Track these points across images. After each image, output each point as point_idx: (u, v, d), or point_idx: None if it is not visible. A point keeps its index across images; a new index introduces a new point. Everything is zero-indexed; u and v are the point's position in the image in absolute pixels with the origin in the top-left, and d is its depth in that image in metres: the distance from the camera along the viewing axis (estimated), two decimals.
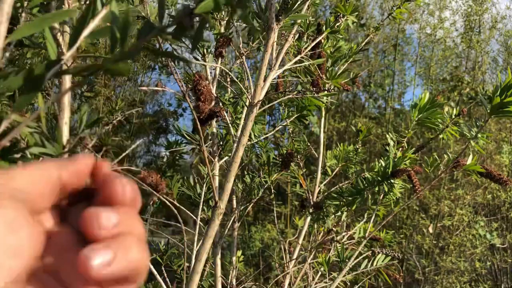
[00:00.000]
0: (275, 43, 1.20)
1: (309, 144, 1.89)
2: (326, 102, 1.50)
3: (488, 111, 1.28)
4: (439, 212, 4.52)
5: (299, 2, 1.08)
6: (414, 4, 2.15)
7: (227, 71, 1.28)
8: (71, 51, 0.38)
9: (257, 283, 1.92)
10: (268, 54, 1.06)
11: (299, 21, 1.18)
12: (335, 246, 1.75)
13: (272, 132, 1.73)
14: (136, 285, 0.27)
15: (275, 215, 1.98)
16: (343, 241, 1.74)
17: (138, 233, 0.26)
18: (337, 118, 5.80)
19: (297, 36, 1.42)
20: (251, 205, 1.75)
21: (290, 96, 1.30)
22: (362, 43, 1.77)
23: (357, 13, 1.44)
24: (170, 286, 1.35)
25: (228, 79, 1.78)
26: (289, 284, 1.77)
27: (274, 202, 2.03)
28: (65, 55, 0.38)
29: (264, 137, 1.68)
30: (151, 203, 1.32)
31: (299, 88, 1.55)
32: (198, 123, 0.93)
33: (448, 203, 4.50)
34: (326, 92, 1.35)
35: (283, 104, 1.74)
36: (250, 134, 1.57)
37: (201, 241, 1.10)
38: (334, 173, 1.89)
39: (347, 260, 1.54)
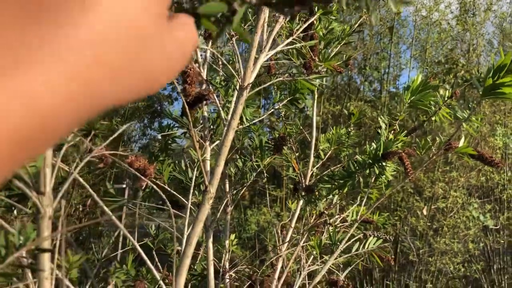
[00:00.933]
0: (265, 25, 1.18)
1: (301, 127, 1.88)
2: (319, 84, 1.48)
3: (481, 93, 1.27)
4: (433, 194, 4.55)
5: None
6: None
7: (217, 54, 1.26)
8: None
9: (250, 266, 1.93)
10: (258, 36, 1.04)
11: None
12: (328, 229, 1.75)
13: (265, 115, 1.71)
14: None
15: (267, 198, 1.98)
16: (336, 224, 1.74)
17: None
18: (332, 101, 5.77)
19: (288, 17, 1.39)
20: (243, 189, 1.74)
21: (281, 78, 1.28)
22: (355, 25, 1.75)
23: None
24: (161, 270, 1.36)
25: (220, 62, 1.75)
26: (282, 266, 1.78)
27: (267, 186, 2.03)
28: None
29: (257, 120, 1.66)
30: (141, 187, 1.32)
31: (294, 70, 1.53)
32: (186, 106, 0.92)
33: (442, 185, 4.52)
34: (317, 74, 1.34)
35: (275, 87, 1.72)
36: (242, 117, 1.56)
37: (191, 225, 1.09)
38: (326, 156, 1.89)
39: (338, 243, 1.55)
